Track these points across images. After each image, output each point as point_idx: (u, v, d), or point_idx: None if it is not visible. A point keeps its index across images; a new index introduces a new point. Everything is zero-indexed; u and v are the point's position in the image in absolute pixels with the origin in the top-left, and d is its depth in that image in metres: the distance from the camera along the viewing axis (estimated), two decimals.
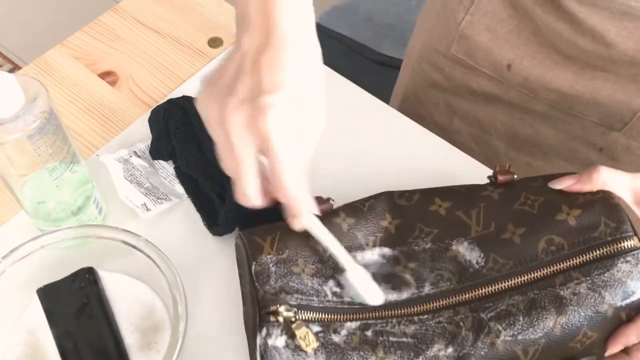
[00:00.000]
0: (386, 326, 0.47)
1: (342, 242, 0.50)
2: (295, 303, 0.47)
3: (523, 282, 0.48)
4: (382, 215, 0.52)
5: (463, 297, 0.48)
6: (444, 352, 0.46)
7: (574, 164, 0.74)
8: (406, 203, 0.53)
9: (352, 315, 0.48)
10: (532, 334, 0.46)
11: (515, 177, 0.53)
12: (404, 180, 0.58)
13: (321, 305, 0.48)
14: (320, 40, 0.48)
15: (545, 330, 0.46)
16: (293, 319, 0.46)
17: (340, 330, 0.47)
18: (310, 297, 0.48)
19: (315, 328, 0.47)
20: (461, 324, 0.47)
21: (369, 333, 0.47)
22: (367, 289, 0.49)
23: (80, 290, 0.53)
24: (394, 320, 0.48)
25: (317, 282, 0.49)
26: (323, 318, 0.47)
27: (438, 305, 0.48)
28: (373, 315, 0.48)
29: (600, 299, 0.46)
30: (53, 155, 0.51)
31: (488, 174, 0.55)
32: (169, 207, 0.61)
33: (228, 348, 0.54)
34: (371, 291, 0.49)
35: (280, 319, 0.46)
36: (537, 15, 0.64)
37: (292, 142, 0.44)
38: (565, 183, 0.51)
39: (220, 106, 0.44)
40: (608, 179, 0.51)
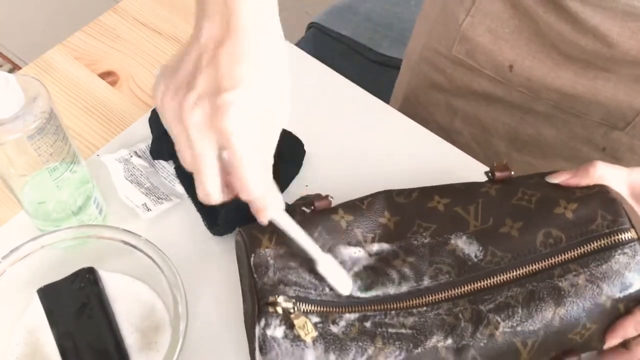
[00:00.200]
0: (385, 318, 0.48)
1: (340, 239, 0.51)
2: (293, 294, 0.47)
3: (521, 274, 0.48)
4: (380, 212, 0.53)
5: (462, 289, 0.49)
6: (442, 343, 0.46)
7: (576, 164, 0.73)
8: (405, 200, 0.53)
9: (350, 308, 0.48)
10: (530, 325, 0.46)
11: (512, 173, 0.54)
12: (404, 180, 0.58)
13: (319, 298, 0.48)
14: (320, 40, 0.47)
15: (544, 321, 0.46)
16: (292, 309, 0.46)
17: (338, 322, 0.47)
18: (308, 290, 0.48)
19: (314, 319, 0.47)
20: (460, 315, 0.47)
21: (367, 324, 0.47)
22: (336, 278, 0.49)
23: (81, 290, 0.53)
24: (393, 312, 0.48)
25: (315, 277, 0.49)
26: (321, 310, 0.48)
27: (437, 298, 0.48)
28: (372, 308, 0.48)
29: (599, 290, 0.47)
30: (53, 155, 0.51)
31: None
32: (169, 207, 0.61)
33: (228, 348, 0.54)
34: (340, 280, 0.49)
35: (279, 309, 0.46)
36: (538, 16, 0.64)
37: (253, 137, 0.43)
38: (562, 177, 0.52)
39: (179, 102, 0.42)
40: (605, 174, 0.51)
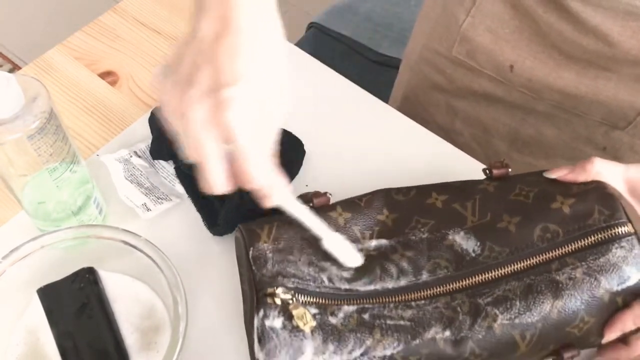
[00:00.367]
0: (383, 310, 0.48)
1: None
2: (292, 286, 0.48)
3: (519, 268, 0.49)
4: (379, 209, 0.53)
5: (460, 284, 0.49)
6: (441, 335, 0.47)
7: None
8: (403, 198, 0.54)
9: (349, 301, 0.48)
10: (528, 317, 0.47)
11: (509, 170, 0.54)
12: (403, 180, 0.58)
13: (318, 290, 0.48)
14: (320, 40, 0.47)
15: (542, 314, 0.47)
16: (290, 300, 0.47)
17: (337, 313, 0.47)
18: (307, 282, 0.48)
19: (313, 310, 0.47)
20: (458, 309, 0.47)
21: (366, 316, 0.48)
22: (345, 252, 0.50)
23: (81, 290, 0.53)
24: (391, 305, 0.48)
25: (314, 270, 0.49)
26: (320, 302, 0.48)
27: (435, 292, 0.49)
28: (370, 301, 0.48)
29: (596, 283, 0.47)
30: (53, 155, 0.51)
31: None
32: (169, 207, 0.61)
33: (228, 348, 0.54)
34: (349, 254, 0.50)
35: (278, 300, 0.46)
36: (538, 16, 0.64)
37: (254, 128, 0.44)
38: (560, 173, 0.52)
39: (181, 98, 0.43)
40: (602, 170, 0.51)
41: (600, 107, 0.67)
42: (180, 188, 0.62)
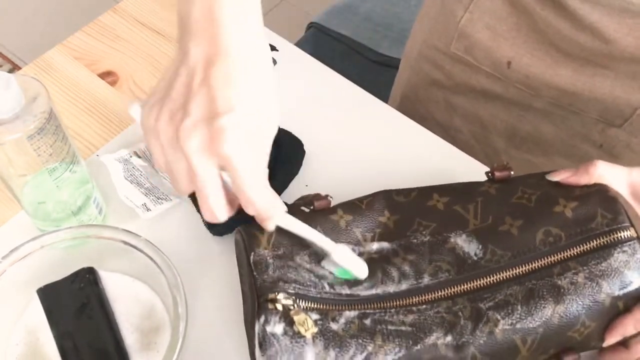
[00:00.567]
0: (384, 315, 0.48)
1: (339, 239, 0.51)
2: (293, 292, 0.47)
3: (521, 272, 0.48)
4: (380, 211, 0.53)
5: (461, 287, 0.49)
6: (442, 340, 0.46)
7: (574, 161, 0.74)
8: (404, 199, 0.53)
9: (350, 306, 0.48)
10: (530, 322, 0.46)
11: (512, 173, 0.54)
12: (404, 180, 0.58)
13: (319, 296, 0.48)
14: (320, 40, 0.48)
15: (543, 319, 0.46)
16: (291, 306, 0.46)
17: (338, 319, 0.47)
18: (307, 288, 0.48)
19: (314, 316, 0.47)
20: (460, 313, 0.47)
21: (367, 321, 0.47)
22: (353, 264, 0.49)
23: (80, 290, 0.53)
24: (393, 310, 0.48)
25: (314, 276, 0.49)
26: (321, 307, 0.48)
27: (436, 296, 0.49)
28: (371, 306, 0.48)
29: (598, 288, 0.47)
30: (53, 155, 0.51)
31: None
32: (169, 207, 0.61)
33: (228, 348, 0.54)
34: (358, 266, 0.49)
35: (279, 306, 0.46)
36: (536, 13, 0.64)
37: (250, 153, 0.44)
38: (562, 175, 0.52)
39: (175, 128, 0.43)
40: (605, 173, 0.51)
41: (596, 104, 0.68)
42: None
